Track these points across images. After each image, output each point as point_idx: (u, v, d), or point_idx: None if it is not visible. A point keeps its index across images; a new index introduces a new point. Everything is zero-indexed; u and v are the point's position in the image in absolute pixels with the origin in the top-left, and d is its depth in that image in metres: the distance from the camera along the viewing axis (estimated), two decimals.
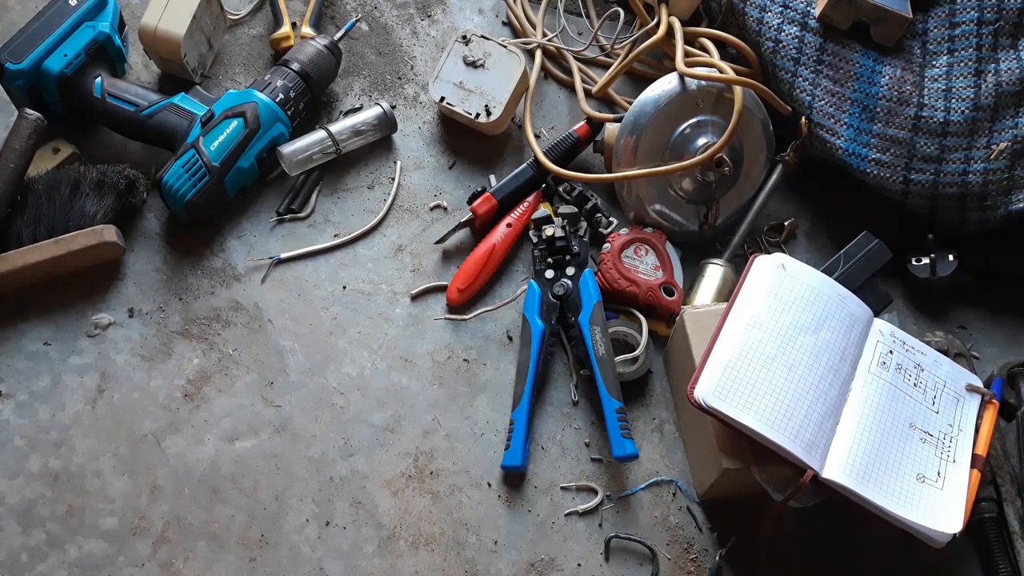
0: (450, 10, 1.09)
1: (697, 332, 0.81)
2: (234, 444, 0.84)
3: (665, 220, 0.95)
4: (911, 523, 0.72)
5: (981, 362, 0.93)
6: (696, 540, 0.83)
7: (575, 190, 0.95)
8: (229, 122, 0.91)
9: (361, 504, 0.82)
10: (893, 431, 0.76)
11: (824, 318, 0.79)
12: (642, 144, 0.91)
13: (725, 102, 0.91)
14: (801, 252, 0.98)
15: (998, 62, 0.90)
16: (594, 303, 0.87)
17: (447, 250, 0.95)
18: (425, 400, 0.87)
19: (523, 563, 0.81)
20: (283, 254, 0.93)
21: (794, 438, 0.72)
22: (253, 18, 1.06)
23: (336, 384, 0.87)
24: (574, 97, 1.03)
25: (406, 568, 0.80)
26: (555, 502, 0.84)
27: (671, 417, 0.88)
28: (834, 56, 0.92)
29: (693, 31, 0.97)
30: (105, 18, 0.94)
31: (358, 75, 1.04)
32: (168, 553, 0.79)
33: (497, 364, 0.90)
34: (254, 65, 1.03)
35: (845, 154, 0.92)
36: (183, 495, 0.81)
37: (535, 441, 0.86)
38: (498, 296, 0.93)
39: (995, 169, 0.89)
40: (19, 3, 1.04)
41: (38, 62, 0.89)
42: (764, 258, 0.82)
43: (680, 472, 0.86)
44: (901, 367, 0.80)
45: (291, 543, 0.80)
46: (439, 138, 1.01)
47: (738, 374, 0.74)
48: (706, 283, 0.91)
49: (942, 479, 0.75)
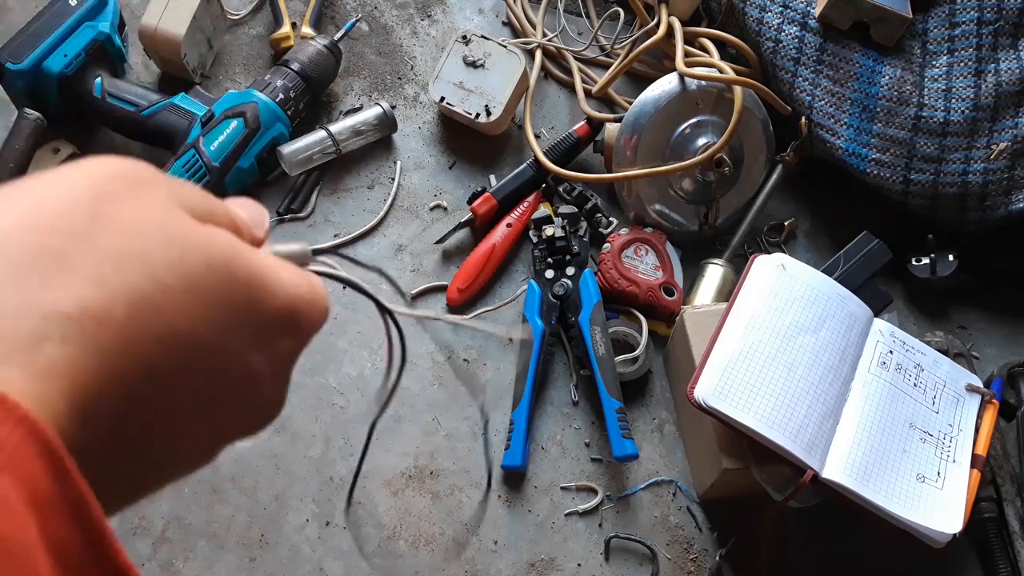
0: (450, 10, 1.09)
1: (697, 332, 0.81)
2: (234, 444, 0.84)
3: (665, 220, 0.95)
4: (911, 523, 0.72)
5: (981, 362, 0.93)
6: (696, 540, 0.83)
7: (575, 190, 0.95)
8: (229, 122, 0.91)
9: (361, 504, 0.82)
10: (893, 431, 0.76)
11: (824, 318, 0.79)
12: (642, 144, 0.91)
13: (725, 102, 0.91)
14: (801, 252, 0.98)
15: (998, 62, 0.90)
16: (594, 303, 0.87)
17: (447, 250, 0.95)
18: (425, 400, 0.87)
19: (523, 563, 0.81)
20: None
21: (794, 438, 0.72)
22: (253, 18, 1.06)
23: (336, 384, 0.87)
24: (574, 97, 1.03)
25: (406, 568, 0.80)
26: (555, 502, 0.84)
27: (671, 417, 0.88)
28: (834, 56, 0.92)
29: (693, 31, 0.97)
30: (105, 18, 0.94)
31: (358, 75, 1.04)
32: (168, 553, 0.79)
33: (497, 364, 0.90)
34: (254, 65, 1.03)
35: (845, 154, 0.92)
36: (183, 495, 0.81)
37: (535, 441, 0.86)
38: (498, 296, 0.93)
39: (995, 169, 0.89)
40: (19, 3, 1.04)
41: (38, 62, 0.89)
42: (764, 258, 0.82)
43: (680, 472, 0.86)
44: (901, 367, 0.80)
45: (291, 543, 0.80)
46: (439, 138, 1.01)
47: (738, 374, 0.74)
48: (706, 283, 0.91)
49: (942, 479, 0.75)
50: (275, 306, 0.28)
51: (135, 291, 0.23)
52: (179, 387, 0.25)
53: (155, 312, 0.24)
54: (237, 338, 0.27)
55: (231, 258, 0.26)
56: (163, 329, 0.24)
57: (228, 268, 0.26)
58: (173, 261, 0.24)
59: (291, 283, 0.29)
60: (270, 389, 0.29)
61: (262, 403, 0.30)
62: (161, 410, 0.25)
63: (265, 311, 0.28)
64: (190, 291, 0.25)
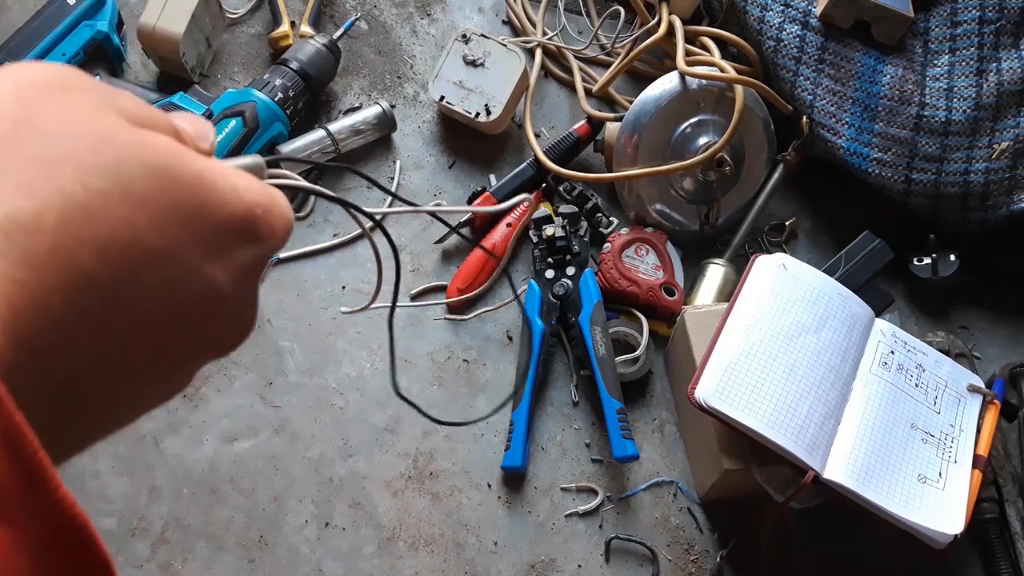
0: (450, 9, 1.09)
1: (698, 332, 0.81)
2: (233, 445, 0.84)
3: (666, 220, 0.95)
4: (912, 524, 0.71)
5: (983, 362, 0.92)
6: (697, 541, 0.83)
7: (575, 190, 0.95)
8: (228, 121, 0.91)
9: (360, 505, 0.82)
10: (894, 432, 0.76)
11: (825, 318, 0.79)
12: (643, 143, 0.91)
13: (726, 101, 0.90)
14: (802, 252, 0.98)
15: (1000, 61, 0.89)
16: (594, 303, 0.87)
17: (447, 250, 0.95)
18: (425, 400, 0.87)
19: (523, 564, 0.81)
20: (282, 254, 0.93)
21: (795, 439, 0.72)
22: (252, 17, 1.06)
23: (335, 384, 0.87)
24: (574, 96, 1.02)
25: (406, 569, 0.80)
26: (555, 503, 0.83)
27: (672, 417, 0.88)
28: (836, 55, 0.92)
29: (694, 30, 0.97)
30: (103, 17, 0.93)
31: (357, 74, 1.04)
32: (167, 554, 0.79)
33: (497, 364, 0.89)
34: (253, 64, 1.03)
35: (846, 153, 0.91)
36: (182, 496, 0.81)
37: (535, 442, 0.86)
38: (498, 296, 0.93)
39: (997, 169, 0.89)
40: (18, 3, 1.03)
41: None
42: (765, 258, 0.81)
43: (681, 473, 0.86)
44: (903, 367, 0.80)
45: (290, 544, 0.80)
46: (439, 137, 1.01)
47: (739, 374, 0.74)
48: (707, 283, 0.91)
49: (943, 480, 0.75)
50: (228, 212, 0.26)
51: (67, 198, 0.22)
52: (132, 303, 0.23)
53: (91, 220, 0.22)
54: (189, 247, 0.25)
55: (173, 162, 0.25)
56: (102, 238, 0.22)
57: (170, 172, 0.24)
58: (107, 165, 0.23)
59: (244, 187, 0.27)
60: (234, 303, 0.28)
61: (228, 318, 0.28)
62: (115, 329, 0.23)
63: (218, 217, 0.26)
64: (128, 197, 0.23)
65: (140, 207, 0.23)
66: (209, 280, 0.26)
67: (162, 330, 0.25)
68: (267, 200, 0.28)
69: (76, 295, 0.22)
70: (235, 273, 0.27)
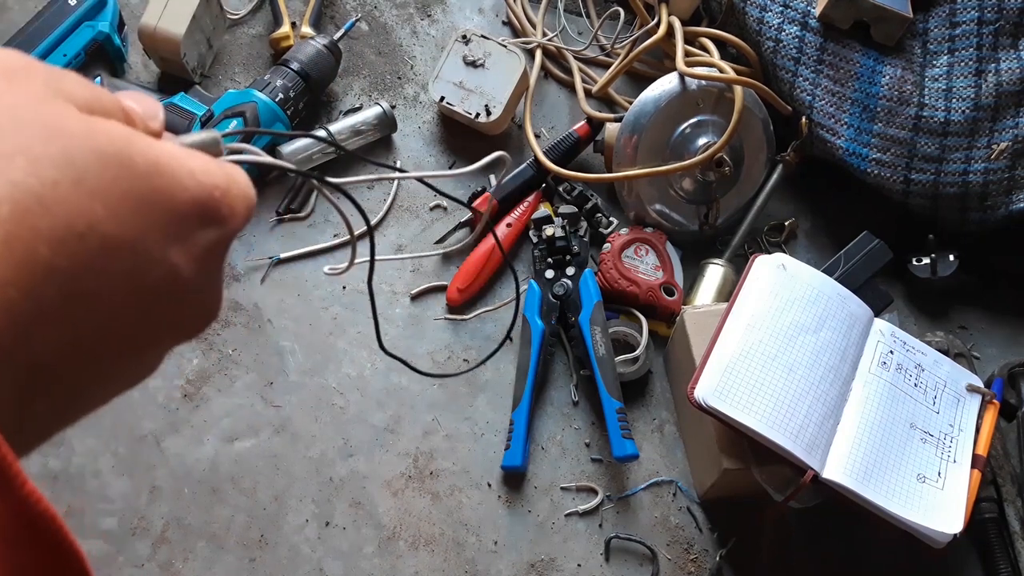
0: (450, 10, 1.09)
1: (697, 332, 0.81)
2: (233, 444, 0.84)
3: (665, 220, 0.95)
4: (911, 523, 0.71)
5: (982, 362, 0.93)
6: (696, 540, 0.83)
7: (575, 190, 0.95)
8: (229, 122, 0.91)
9: (361, 504, 0.82)
10: (894, 431, 0.76)
11: (824, 318, 0.79)
12: (642, 144, 0.91)
13: (725, 102, 0.90)
14: (801, 252, 0.98)
15: (999, 62, 0.90)
16: (594, 303, 0.87)
17: (447, 251, 0.95)
18: (425, 400, 0.87)
19: (523, 563, 0.81)
20: (282, 254, 0.93)
21: (795, 438, 0.72)
22: (253, 18, 1.06)
23: (336, 384, 0.87)
24: (574, 97, 1.03)
25: (406, 568, 0.80)
26: (555, 502, 0.84)
27: (671, 417, 0.88)
28: (835, 56, 0.92)
29: (693, 31, 0.97)
30: (104, 18, 0.94)
31: (358, 75, 1.04)
32: (168, 553, 0.79)
33: (497, 364, 0.89)
34: (254, 65, 1.03)
35: (846, 154, 0.91)
36: (183, 495, 0.81)
37: (535, 441, 0.86)
38: (498, 296, 0.93)
39: (996, 169, 0.89)
40: (19, 3, 1.03)
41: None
42: (764, 258, 0.82)
43: (680, 472, 0.86)
44: (902, 367, 0.80)
45: (291, 543, 0.80)
46: (439, 138, 1.01)
47: (738, 374, 0.74)
48: (706, 283, 0.91)
49: (943, 479, 0.75)
50: (186, 197, 0.26)
51: (18, 190, 0.21)
52: (93, 292, 0.23)
53: (46, 211, 0.22)
54: (149, 234, 0.25)
55: (125, 148, 0.24)
56: (59, 229, 0.22)
57: (123, 159, 0.24)
58: (59, 155, 0.22)
59: (201, 170, 0.27)
60: (198, 287, 0.27)
61: (193, 303, 0.28)
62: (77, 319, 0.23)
63: (176, 203, 0.25)
64: (81, 186, 0.23)
65: (95, 197, 0.23)
66: (171, 266, 0.26)
67: (126, 318, 0.25)
68: (225, 181, 0.28)
69: (34, 288, 0.21)
70: (197, 257, 0.27)
